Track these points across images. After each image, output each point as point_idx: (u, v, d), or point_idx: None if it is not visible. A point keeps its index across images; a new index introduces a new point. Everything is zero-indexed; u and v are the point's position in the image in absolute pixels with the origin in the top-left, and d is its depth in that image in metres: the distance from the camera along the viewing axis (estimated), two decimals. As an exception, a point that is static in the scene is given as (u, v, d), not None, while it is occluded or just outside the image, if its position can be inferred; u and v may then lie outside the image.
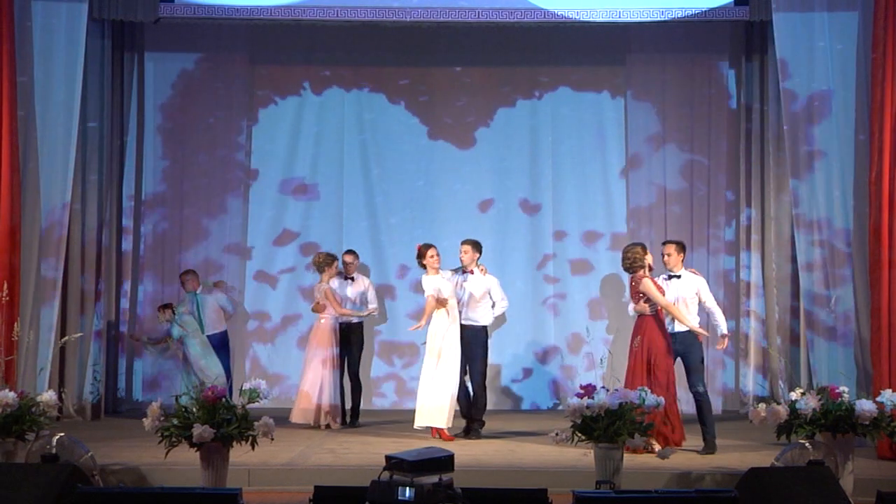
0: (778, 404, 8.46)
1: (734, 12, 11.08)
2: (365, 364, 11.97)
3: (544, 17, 11.09)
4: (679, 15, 11.10)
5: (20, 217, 10.14)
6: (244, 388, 7.96)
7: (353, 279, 11.48)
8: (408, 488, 5.58)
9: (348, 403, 11.37)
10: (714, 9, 11.07)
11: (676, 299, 9.60)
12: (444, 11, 11.11)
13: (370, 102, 12.86)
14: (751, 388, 12.23)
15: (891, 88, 9.75)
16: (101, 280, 11.95)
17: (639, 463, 8.85)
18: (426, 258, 10.34)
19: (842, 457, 8.09)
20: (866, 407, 8.17)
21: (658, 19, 11.08)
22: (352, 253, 11.61)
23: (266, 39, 12.61)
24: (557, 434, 8.21)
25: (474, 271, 10.53)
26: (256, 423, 7.76)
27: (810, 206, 10.35)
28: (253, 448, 7.87)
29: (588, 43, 12.43)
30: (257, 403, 7.96)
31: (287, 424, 10.60)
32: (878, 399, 8.35)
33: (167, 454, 7.85)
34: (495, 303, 10.66)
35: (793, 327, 11.87)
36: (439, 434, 10.25)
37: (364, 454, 9.38)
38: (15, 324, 9.43)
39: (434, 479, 5.65)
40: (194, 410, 7.71)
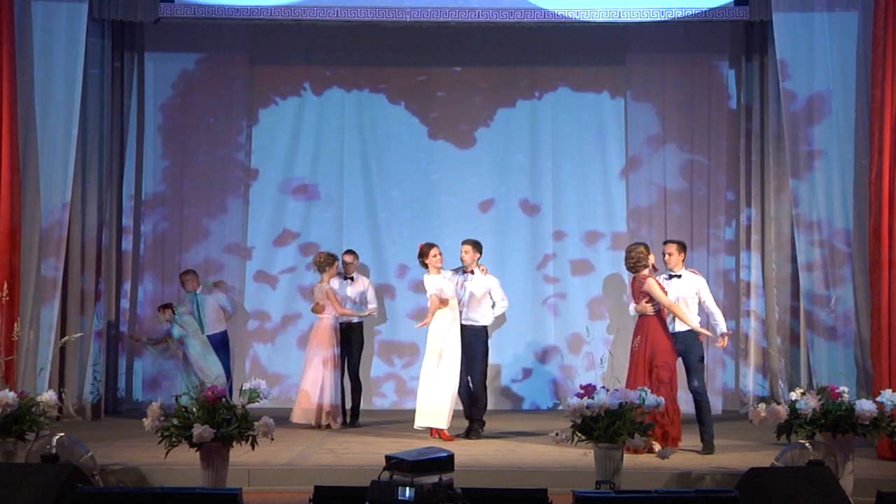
0: (778, 404, 8.46)
1: (734, 12, 11.09)
2: (365, 364, 11.97)
3: (544, 17, 11.10)
4: (679, 15, 11.10)
5: (20, 217, 10.13)
6: (244, 388, 7.95)
7: (353, 279, 11.48)
8: (408, 488, 5.57)
9: (348, 403, 11.37)
10: (714, 9, 11.07)
11: (677, 299, 9.59)
12: (444, 11, 11.11)
13: (370, 102, 12.86)
14: (751, 388, 12.23)
15: (891, 88, 9.75)
16: (101, 280, 11.95)
17: (639, 463, 8.85)
18: (429, 258, 10.33)
19: (842, 457, 8.08)
20: (866, 407, 8.17)
21: (658, 19, 11.09)
22: (352, 253, 11.60)
23: (266, 39, 12.60)
24: (557, 434, 8.21)
25: (475, 271, 10.53)
26: (256, 423, 7.76)
27: (810, 206, 10.35)
28: (253, 448, 7.87)
29: (588, 43, 12.42)
30: (257, 403, 7.96)
31: (287, 424, 10.60)
32: (878, 399, 8.35)
33: (167, 454, 7.84)
34: (495, 303, 10.64)
35: (793, 327, 11.87)
36: (439, 434, 10.25)
37: (364, 454, 9.37)
38: (15, 324, 9.42)
39: (434, 479, 5.64)
40: (194, 410, 7.71)
